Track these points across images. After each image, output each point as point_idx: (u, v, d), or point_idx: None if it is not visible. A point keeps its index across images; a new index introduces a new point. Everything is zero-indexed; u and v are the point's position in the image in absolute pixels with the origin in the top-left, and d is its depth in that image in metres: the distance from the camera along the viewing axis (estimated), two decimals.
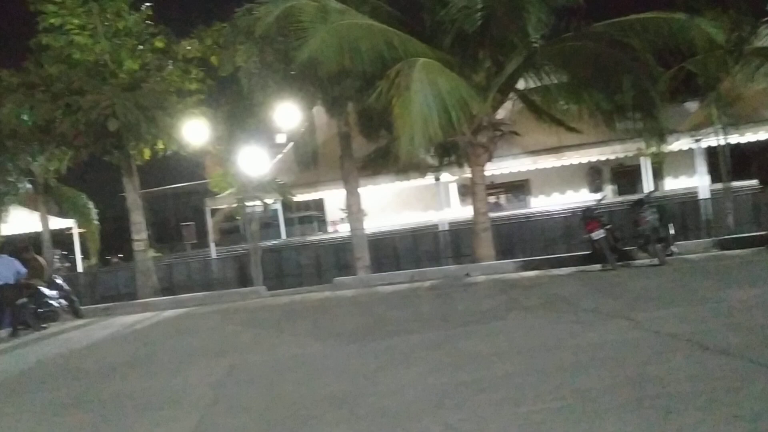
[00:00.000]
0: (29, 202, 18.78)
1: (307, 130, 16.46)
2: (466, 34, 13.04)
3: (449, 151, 14.85)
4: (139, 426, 5.46)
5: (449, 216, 18.38)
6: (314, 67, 12.16)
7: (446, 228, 17.28)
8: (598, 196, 17.65)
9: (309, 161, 17.58)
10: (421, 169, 15.53)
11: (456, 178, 17.83)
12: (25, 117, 14.75)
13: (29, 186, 17.48)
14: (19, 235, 19.52)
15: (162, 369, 7.86)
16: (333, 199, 22.83)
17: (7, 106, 14.66)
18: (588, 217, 12.56)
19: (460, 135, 13.42)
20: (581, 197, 21.36)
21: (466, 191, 18.03)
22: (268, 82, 13.35)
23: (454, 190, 21.09)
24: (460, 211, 19.92)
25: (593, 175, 22.73)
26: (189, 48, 15.20)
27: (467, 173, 14.80)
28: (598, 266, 12.00)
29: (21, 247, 14.58)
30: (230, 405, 5.82)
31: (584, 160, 19.26)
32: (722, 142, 15.38)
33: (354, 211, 15.07)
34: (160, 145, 16.27)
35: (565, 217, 16.16)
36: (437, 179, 17.40)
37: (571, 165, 19.78)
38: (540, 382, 5.23)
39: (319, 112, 15.85)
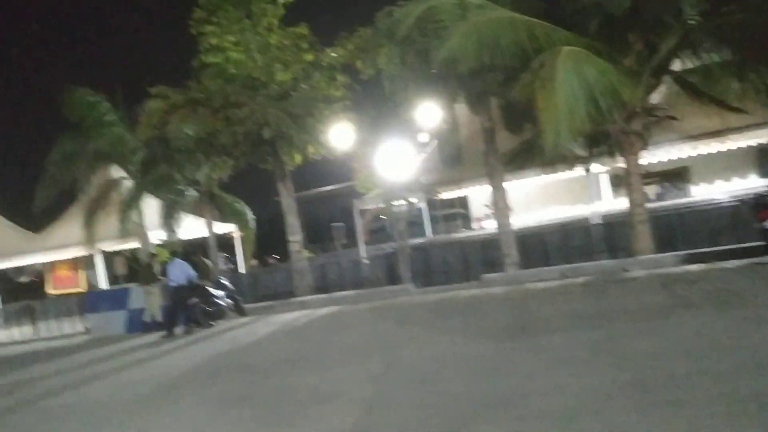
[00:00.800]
0: (195, 209, 20.33)
1: (450, 128, 16.44)
2: (613, 18, 12.42)
3: (599, 141, 14.19)
4: (304, 420, 5.73)
5: (601, 208, 17.59)
6: (455, 64, 12.10)
7: (599, 221, 16.56)
8: None
9: (453, 159, 17.60)
10: (569, 161, 14.96)
11: (608, 168, 17.00)
12: (189, 131, 15.98)
13: (195, 194, 18.89)
14: (188, 240, 21.19)
15: (322, 365, 8.20)
16: (477, 195, 22.64)
17: (173, 123, 15.97)
18: (761, 204, 11.51)
19: (611, 123, 12.79)
20: (749, 183, 19.58)
21: (619, 182, 17.12)
22: (409, 83, 13.51)
23: (605, 181, 20.13)
24: (613, 203, 18.98)
25: (763, 159, 20.76)
26: (334, 55, 15.76)
27: (620, 163, 14.07)
28: None
29: (190, 251, 15.81)
30: (389, 401, 5.94)
31: (752, 142, 17.63)
32: None
33: (500, 207, 14.85)
34: (310, 150, 16.99)
35: (732, 205, 14.87)
36: (587, 171, 16.70)
37: (737, 149, 18.19)
38: (712, 385, 4.87)
39: (462, 108, 15.77)
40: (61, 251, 23.70)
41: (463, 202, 24.94)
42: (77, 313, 18.89)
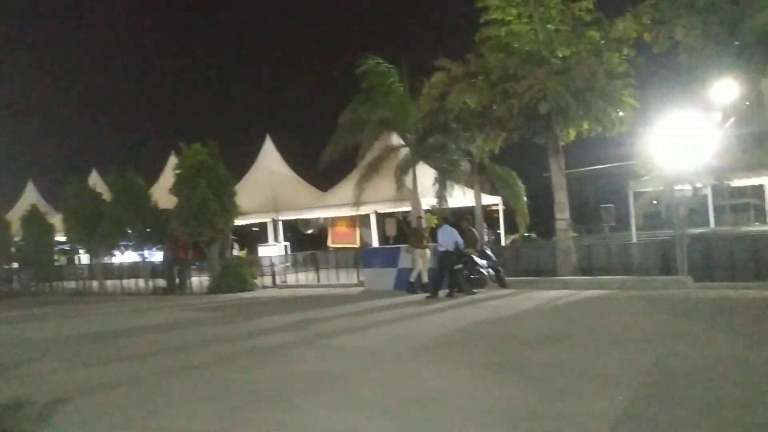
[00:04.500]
0: (466, 180, 20.87)
1: (752, 106, 14.57)
2: None
3: None
4: (569, 397, 5.66)
5: None
6: None
7: None
8: None
9: (752, 142, 15.60)
10: None
11: None
12: (467, 103, 16.35)
13: (467, 165, 19.36)
14: (454, 209, 21.90)
15: (585, 347, 7.99)
16: None
17: (453, 95, 16.49)
18: None
19: None
20: None
21: None
22: (710, 56, 12.23)
23: None
24: None
25: None
26: (621, 28, 14.81)
27: None
28: None
29: (460, 217, 16.34)
30: (662, 395, 5.61)
31: None
32: None
33: None
34: (586, 126, 16.37)
35: None
36: None
37: None
38: None
39: None
40: (341, 209, 26.11)
41: (758, 191, 22.17)
42: (353, 266, 20.78)
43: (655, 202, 22.64)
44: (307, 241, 32.40)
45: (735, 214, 22.73)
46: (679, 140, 14.06)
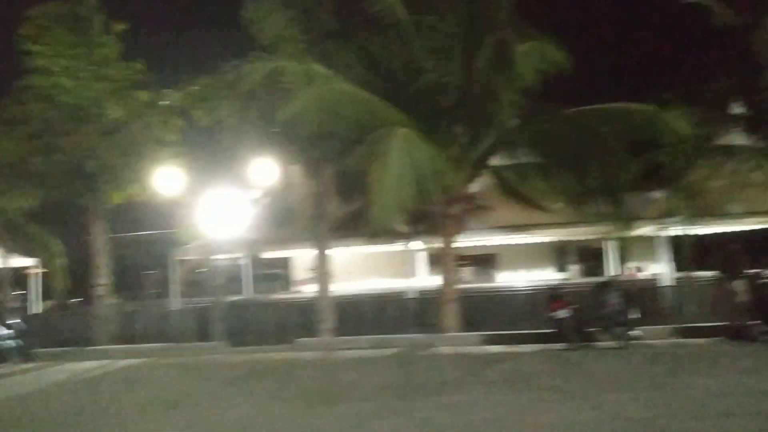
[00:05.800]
0: None
1: (282, 188, 16.50)
2: (442, 108, 13.51)
3: (421, 220, 15.00)
4: None
5: (417, 284, 18.38)
6: (296, 126, 12.32)
7: (413, 296, 17.25)
8: (563, 275, 17.89)
9: (281, 219, 17.55)
10: (391, 235, 15.61)
11: (426, 247, 17.93)
12: (3, 151, 14.58)
13: None
14: None
15: (112, 421, 7.63)
16: (300, 258, 22.72)
17: None
18: (552, 296, 12.78)
19: (432, 205, 13.63)
20: (546, 275, 21.57)
21: (435, 261, 18.08)
22: (248, 138, 13.49)
23: (423, 258, 21.16)
24: (429, 280, 19.95)
25: (559, 254, 23.03)
26: (174, 96, 15.27)
27: (437, 243, 14.94)
28: (562, 345, 12.07)
29: None
30: None
31: (551, 239, 19.53)
32: (685, 232, 15.84)
33: (322, 272, 15.00)
34: (132, 191, 16.15)
35: (531, 293, 16.26)
36: (407, 247, 17.47)
37: (539, 243, 20.06)
38: None
39: (296, 170, 15.96)
40: None
41: (285, 263, 24.88)
42: None
43: (200, 270, 23.39)
44: None
45: (268, 283, 25.00)
46: (220, 212, 14.96)
